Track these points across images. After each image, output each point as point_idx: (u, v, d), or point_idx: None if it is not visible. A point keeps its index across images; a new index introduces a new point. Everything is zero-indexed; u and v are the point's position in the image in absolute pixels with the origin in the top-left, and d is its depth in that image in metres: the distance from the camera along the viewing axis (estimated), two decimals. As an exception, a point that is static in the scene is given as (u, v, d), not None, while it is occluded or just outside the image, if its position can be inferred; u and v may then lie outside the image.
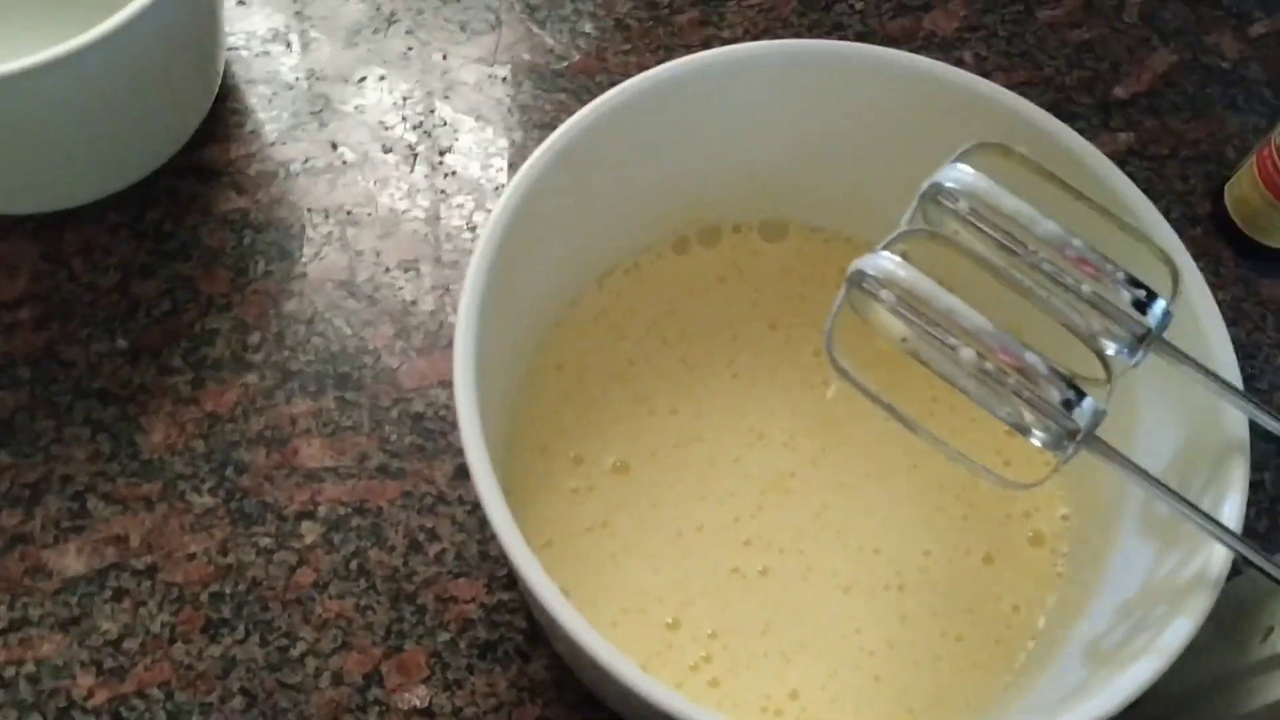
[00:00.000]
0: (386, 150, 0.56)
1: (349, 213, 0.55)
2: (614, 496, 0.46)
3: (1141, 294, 0.37)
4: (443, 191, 0.55)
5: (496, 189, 0.56)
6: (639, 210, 0.50)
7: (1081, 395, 0.36)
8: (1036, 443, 0.37)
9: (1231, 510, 0.38)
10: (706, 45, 0.60)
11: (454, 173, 0.56)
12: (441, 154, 0.56)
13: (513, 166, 0.56)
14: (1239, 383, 0.40)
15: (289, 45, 0.59)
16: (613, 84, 0.58)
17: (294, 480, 0.49)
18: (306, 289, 0.53)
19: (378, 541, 0.48)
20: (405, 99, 0.58)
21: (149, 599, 0.47)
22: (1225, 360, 0.40)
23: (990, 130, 0.46)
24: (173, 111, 0.53)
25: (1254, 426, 0.39)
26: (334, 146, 0.56)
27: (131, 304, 0.52)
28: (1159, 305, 0.37)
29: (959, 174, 0.39)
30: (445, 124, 0.57)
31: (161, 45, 0.49)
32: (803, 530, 0.46)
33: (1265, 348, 0.56)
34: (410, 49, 0.59)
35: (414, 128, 0.57)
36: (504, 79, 0.59)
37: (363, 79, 0.58)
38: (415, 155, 0.56)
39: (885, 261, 0.37)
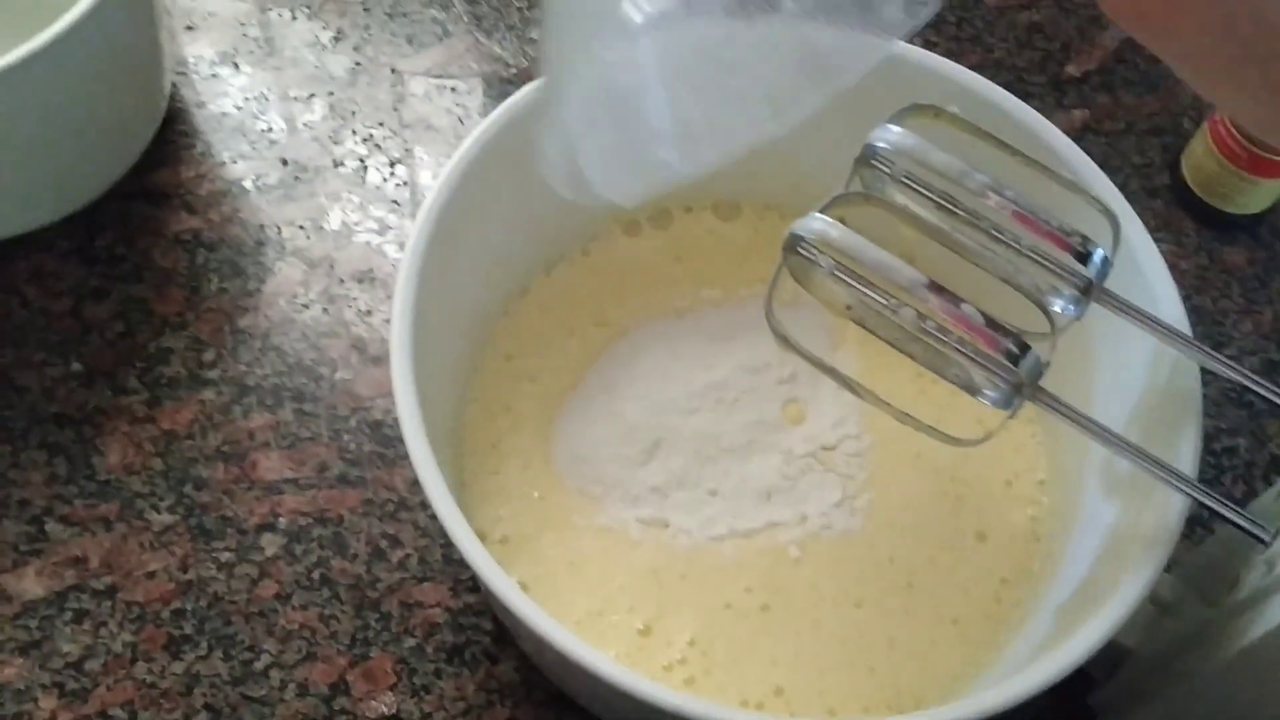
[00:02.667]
0: (337, 164, 0.56)
1: (301, 227, 0.55)
2: (567, 500, 0.45)
3: (1077, 241, 0.37)
4: (395, 201, 0.55)
5: (448, 196, 0.56)
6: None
7: (1024, 347, 0.36)
8: (986, 401, 0.37)
9: (1186, 456, 0.37)
10: (654, 45, 0.60)
11: (405, 183, 0.56)
12: (393, 165, 0.56)
13: (464, 173, 0.56)
14: (1187, 329, 0.40)
15: (237, 66, 0.59)
16: (561, 87, 0.59)
17: (253, 494, 0.49)
18: (261, 304, 0.53)
19: (340, 550, 0.48)
20: (354, 113, 0.58)
21: (110, 619, 0.46)
22: (1171, 310, 0.40)
23: (930, 97, 0.46)
24: (117, 132, 0.53)
25: (1226, 394, 0.39)
26: (284, 163, 0.56)
27: (85, 327, 0.52)
28: (1098, 254, 0.37)
29: (889, 134, 0.39)
30: (395, 135, 0.57)
31: (99, 61, 0.49)
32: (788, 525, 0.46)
33: (1231, 314, 0.55)
34: (358, 64, 0.59)
35: (364, 140, 0.57)
36: (453, 89, 0.59)
37: (311, 95, 0.58)
38: (366, 168, 0.56)
39: (818, 223, 0.37)
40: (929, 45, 0.61)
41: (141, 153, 0.55)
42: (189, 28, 0.60)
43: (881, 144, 0.39)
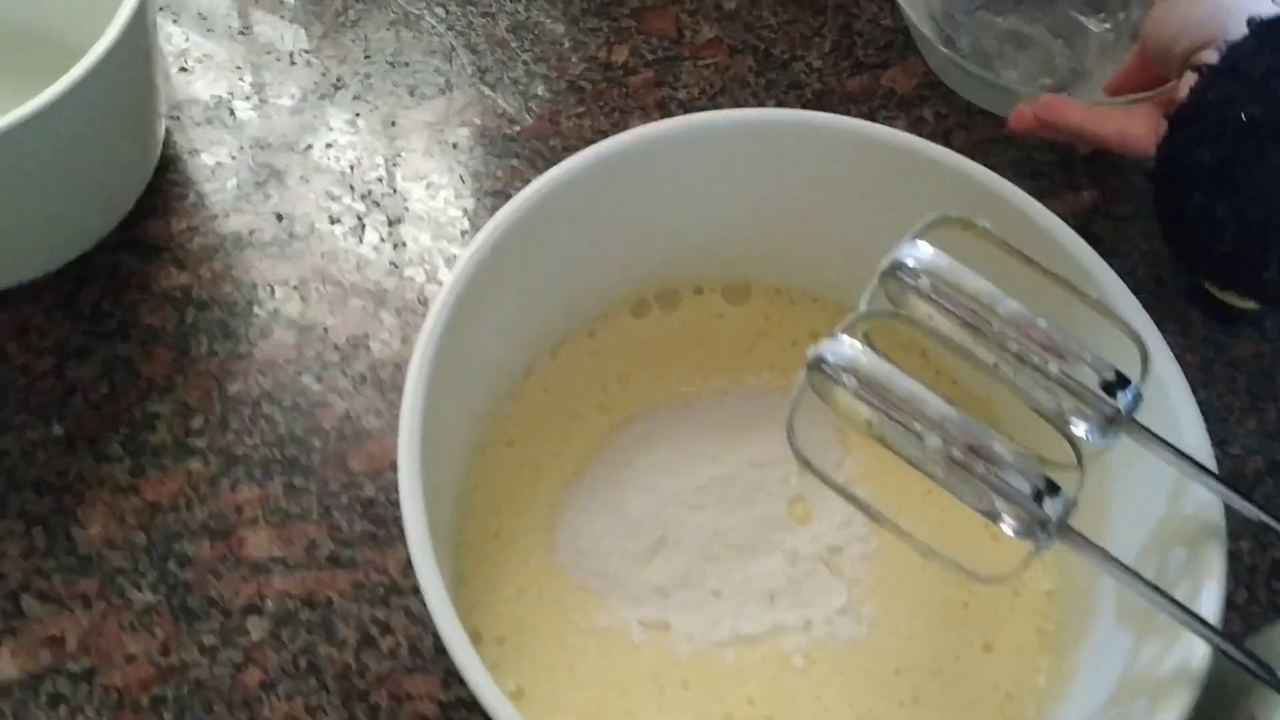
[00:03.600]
0: (334, 221, 0.55)
1: (295, 288, 0.53)
2: (568, 596, 0.44)
3: (1110, 375, 0.36)
4: (392, 264, 0.54)
5: (447, 260, 0.54)
6: (594, 276, 0.48)
7: (1052, 486, 0.35)
8: (1007, 530, 0.36)
9: (1210, 601, 0.37)
10: (662, 107, 0.59)
11: (403, 244, 0.54)
12: (391, 224, 0.55)
13: (464, 236, 0.55)
14: (1212, 464, 0.39)
15: (233, 112, 0.57)
16: (566, 148, 0.57)
17: (239, 573, 0.47)
18: (252, 369, 0.51)
19: (328, 636, 0.46)
20: (353, 167, 0.56)
21: (86, 704, 0.45)
22: (1197, 440, 0.39)
23: (949, 194, 0.45)
24: (110, 186, 0.51)
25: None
26: (280, 218, 0.54)
27: (68, 388, 0.50)
28: (1129, 389, 0.36)
29: (919, 251, 0.38)
30: (394, 193, 0.56)
31: (97, 119, 0.47)
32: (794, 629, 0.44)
33: (1237, 410, 0.55)
34: (358, 115, 0.58)
35: (362, 197, 0.55)
36: (454, 144, 0.57)
37: (309, 147, 0.56)
38: (364, 226, 0.55)
39: (845, 347, 0.36)
40: (939, 117, 0.60)
41: (133, 204, 0.53)
42: (183, 69, 0.58)
43: (910, 260, 0.38)
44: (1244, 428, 0.54)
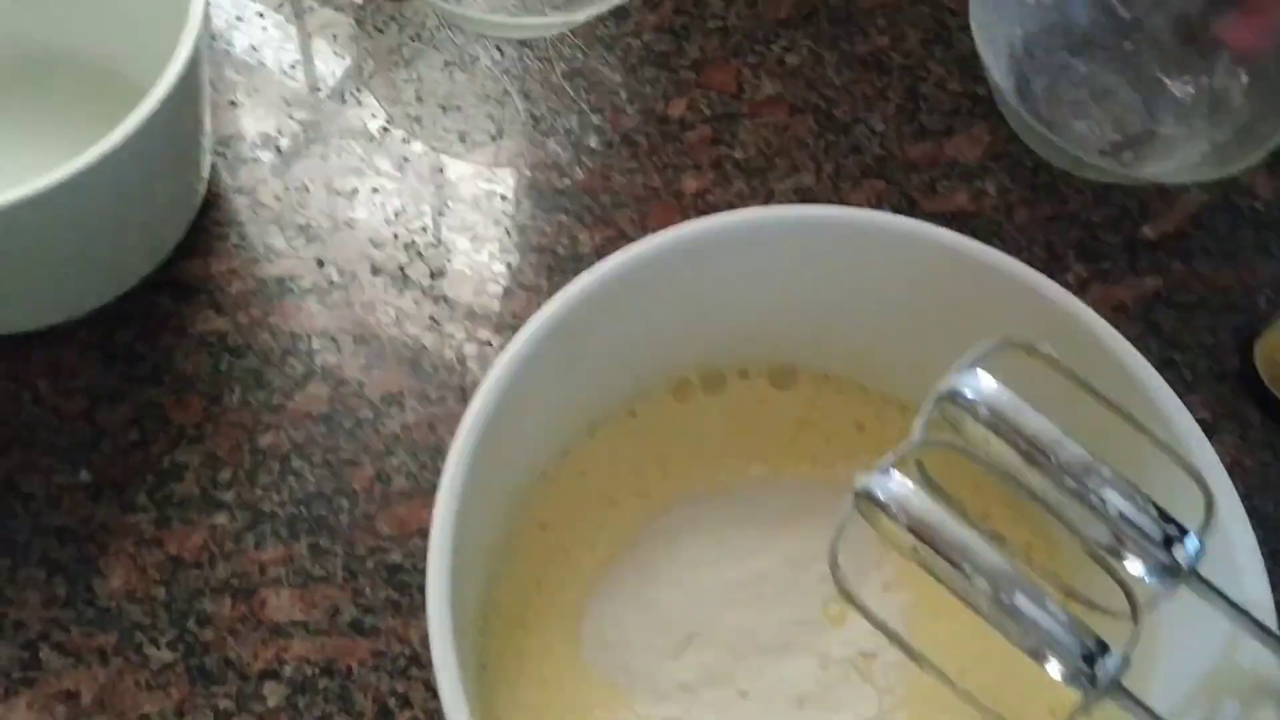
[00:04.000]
0: (375, 271, 0.53)
1: (333, 338, 0.52)
2: (591, 689, 0.43)
3: (1173, 530, 0.35)
4: (433, 319, 0.53)
5: (488, 318, 0.53)
6: (638, 358, 0.47)
7: (1104, 647, 0.33)
8: (1054, 675, 0.35)
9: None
10: (717, 166, 0.57)
11: (445, 298, 0.53)
12: (434, 277, 0.54)
13: (506, 294, 0.53)
14: (1274, 620, 0.37)
15: (279, 151, 0.56)
16: (616, 205, 0.56)
17: (259, 635, 0.46)
18: (284, 421, 0.50)
19: (346, 707, 0.46)
20: (398, 214, 0.55)
21: (98, 764, 0.44)
22: (1258, 593, 0.37)
23: (1012, 304, 0.44)
24: (156, 226, 0.51)
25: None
26: (320, 264, 0.53)
27: (97, 432, 0.49)
28: (1191, 542, 0.35)
29: (978, 383, 0.36)
30: (439, 244, 0.54)
31: (154, 160, 0.46)
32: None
33: (1292, 519, 0.53)
34: (406, 160, 0.56)
35: (405, 247, 0.54)
36: (503, 195, 0.56)
37: (354, 191, 0.55)
38: (406, 277, 0.53)
39: (895, 485, 0.35)
40: (1002, 191, 0.58)
41: (175, 245, 0.52)
42: (233, 103, 0.57)
43: (969, 391, 0.36)
44: (1300, 540, 0.53)
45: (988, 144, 0.60)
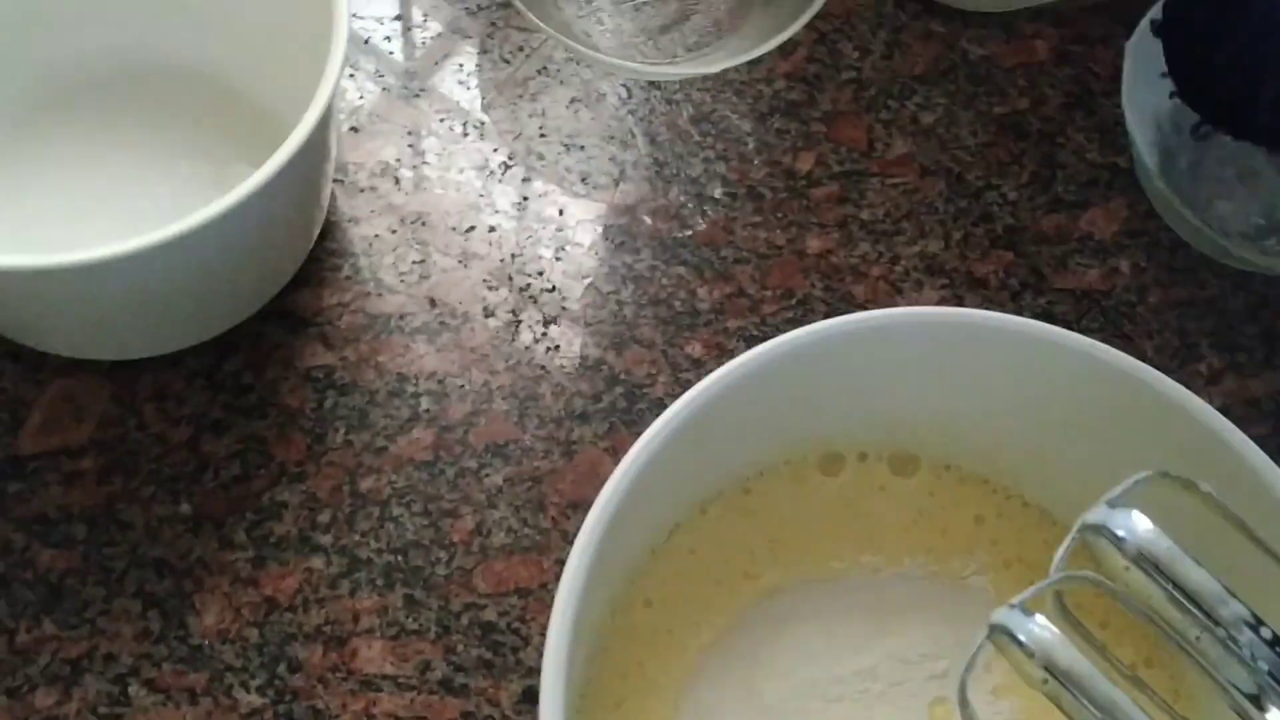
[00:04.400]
0: (488, 314, 0.52)
1: (441, 382, 0.51)
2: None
3: (1335, 698, 0.33)
4: (542, 368, 0.51)
5: (600, 371, 0.51)
6: (756, 437, 0.45)
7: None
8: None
9: None
10: (842, 226, 0.56)
11: (556, 347, 0.52)
12: (546, 324, 0.52)
13: (618, 348, 0.52)
14: None
15: (398, 181, 0.55)
16: (737, 261, 0.54)
17: (349, 686, 0.46)
18: (386, 465, 0.49)
19: (431, 766, 0.45)
20: (514, 256, 0.54)
21: (181, 809, 0.44)
22: None
23: (1152, 415, 0.42)
24: (277, 258, 0.50)
25: None
26: (433, 304, 0.52)
27: (200, 463, 0.49)
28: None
29: (1132, 524, 0.34)
30: (554, 289, 0.53)
31: (281, 203, 0.45)
32: None
33: None
34: (525, 199, 0.55)
35: (520, 290, 0.53)
36: (621, 243, 0.54)
37: (471, 228, 0.54)
38: (519, 323, 0.52)
39: (1036, 628, 0.33)
40: (1137, 270, 0.56)
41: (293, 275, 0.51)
42: (354, 129, 0.56)
43: (1121, 531, 0.34)
44: None
45: (1125, 219, 0.57)
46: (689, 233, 0.55)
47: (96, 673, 0.45)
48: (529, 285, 0.53)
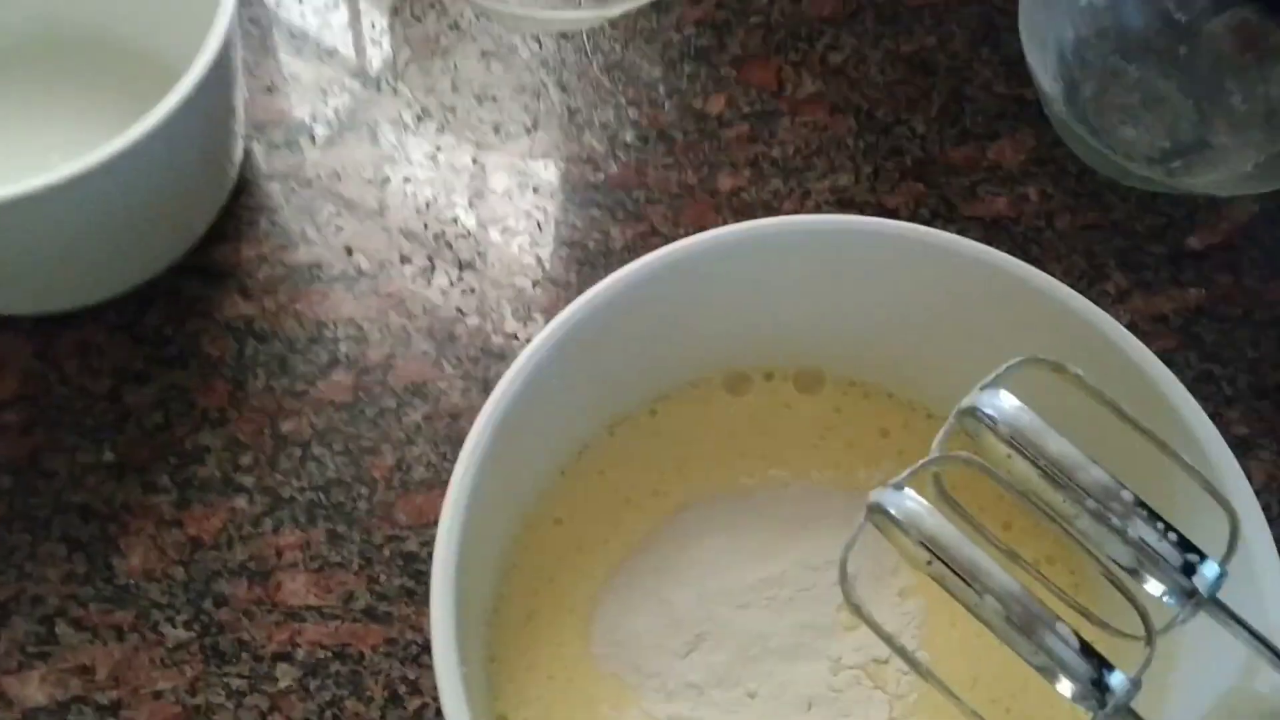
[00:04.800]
0: (404, 260, 0.53)
1: (359, 327, 0.52)
2: (599, 686, 0.43)
3: (1193, 556, 0.34)
4: (459, 309, 0.53)
5: (514, 312, 0.53)
6: (660, 357, 0.46)
7: (1111, 670, 0.33)
8: (1064, 694, 0.34)
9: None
10: (753, 164, 0.57)
11: (473, 289, 0.53)
12: (461, 268, 0.53)
13: (535, 286, 0.53)
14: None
15: (313, 138, 0.56)
16: (649, 201, 0.56)
17: (274, 618, 0.47)
18: (306, 408, 0.50)
19: (356, 691, 0.46)
20: (429, 204, 0.55)
21: (109, 740, 0.44)
22: (1281, 620, 0.36)
23: (1042, 318, 0.43)
24: (189, 211, 0.51)
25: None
26: (349, 252, 0.54)
27: (122, 413, 0.50)
28: (1210, 568, 0.34)
29: (999, 402, 0.35)
30: (469, 235, 0.54)
31: (178, 153, 0.46)
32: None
33: (1331, 543, 0.52)
34: (439, 149, 0.56)
35: (435, 237, 0.54)
36: (535, 189, 0.56)
37: (386, 180, 0.55)
38: (434, 268, 0.53)
39: (909, 502, 0.34)
40: (1044, 197, 0.57)
41: (205, 230, 0.52)
42: (268, 89, 0.57)
43: (990, 410, 0.35)
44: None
45: (1031, 149, 0.59)
46: (602, 176, 0.56)
47: (24, 614, 0.46)
48: (444, 232, 0.54)
